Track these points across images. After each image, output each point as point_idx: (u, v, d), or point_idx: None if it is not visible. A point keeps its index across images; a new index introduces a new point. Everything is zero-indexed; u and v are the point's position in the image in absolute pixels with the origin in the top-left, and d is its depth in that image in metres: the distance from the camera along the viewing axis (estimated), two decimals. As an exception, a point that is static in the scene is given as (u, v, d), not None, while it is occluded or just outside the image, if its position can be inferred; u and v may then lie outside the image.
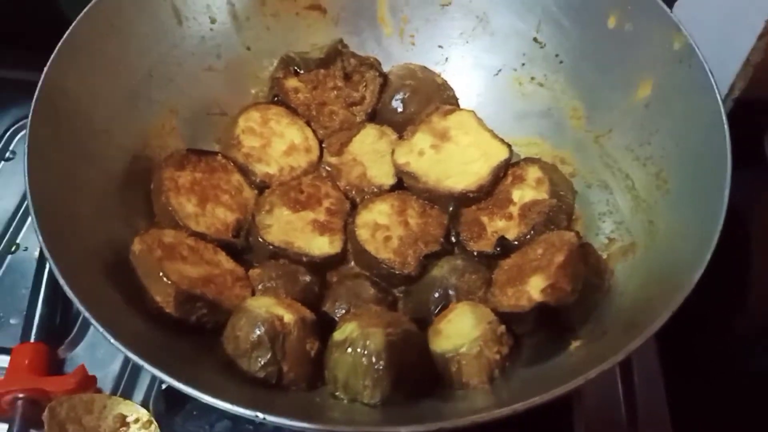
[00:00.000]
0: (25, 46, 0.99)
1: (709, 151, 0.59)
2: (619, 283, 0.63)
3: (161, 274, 0.59)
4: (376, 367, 0.57)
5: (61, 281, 0.54)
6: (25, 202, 0.86)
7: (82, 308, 0.53)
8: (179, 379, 0.49)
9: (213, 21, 0.80)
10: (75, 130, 0.65)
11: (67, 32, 0.66)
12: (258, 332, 0.58)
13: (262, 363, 0.58)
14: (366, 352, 0.58)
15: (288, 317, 0.60)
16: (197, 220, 0.70)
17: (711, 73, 0.61)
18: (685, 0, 0.81)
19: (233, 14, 0.81)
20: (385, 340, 0.58)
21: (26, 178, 0.59)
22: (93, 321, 0.53)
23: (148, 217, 0.70)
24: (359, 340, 0.59)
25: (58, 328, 0.76)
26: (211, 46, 0.80)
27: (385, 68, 0.85)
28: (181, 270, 0.62)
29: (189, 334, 0.61)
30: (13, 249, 0.84)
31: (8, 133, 0.95)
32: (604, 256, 0.67)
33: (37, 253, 0.82)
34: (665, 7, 0.67)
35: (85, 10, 0.68)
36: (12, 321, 0.77)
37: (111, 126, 0.70)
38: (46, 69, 0.64)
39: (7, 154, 0.93)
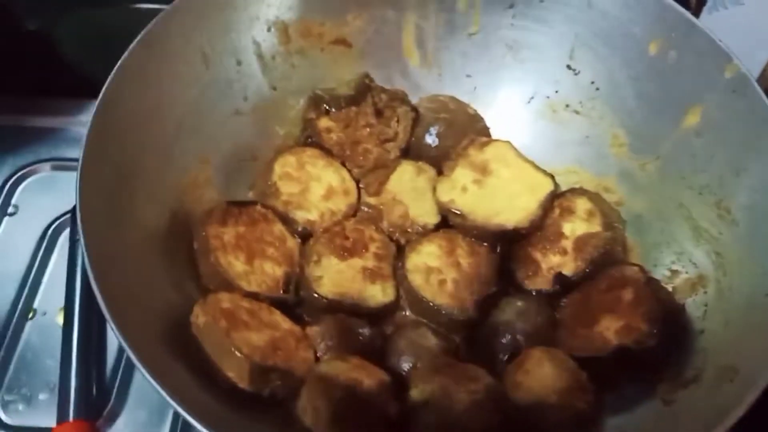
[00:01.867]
0: (15, 91, 0.94)
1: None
2: (693, 320, 0.62)
3: (233, 348, 0.55)
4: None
5: (134, 358, 0.50)
6: (36, 261, 0.82)
7: (158, 387, 0.49)
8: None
9: (239, 63, 0.76)
10: (121, 197, 0.61)
11: (102, 92, 0.62)
12: (339, 401, 0.55)
13: (349, 435, 0.55)
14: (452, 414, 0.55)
15: (367, 382, 0.57)
16: (248, 279, 0.66)
17: (769, 102, 0.61)
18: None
19: (258, 54, 0.77)
20: (470, 399, 0.56)
21: (85, 250, 0.54)
22: (171, 401, 0.49)
23: (194, 279, 0.66)
24: (444, 401, 0.56)
25: (95, 401, 0.71)
26: (237, 89, 0.77)
27: (412, 100, 0.83)
28: (248, 340, 0.58)
29: (261, 408, 0.57)
30: (30, 315, 0.78)
31: (8, 185, 0.88)
32: (670, 289, 0.67)
33: (59, 319, 0.77)
34: (713, 35, 0.67)
35: (117, 65, 0.63)
36: (41, 396, 0.72)
37: (153, 186, 0.65)
38: (86, 138, 0.59)
39: (9, 209, 0.87)
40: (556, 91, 0.81)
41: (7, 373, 0.73)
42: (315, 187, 0.76)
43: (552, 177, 0.76)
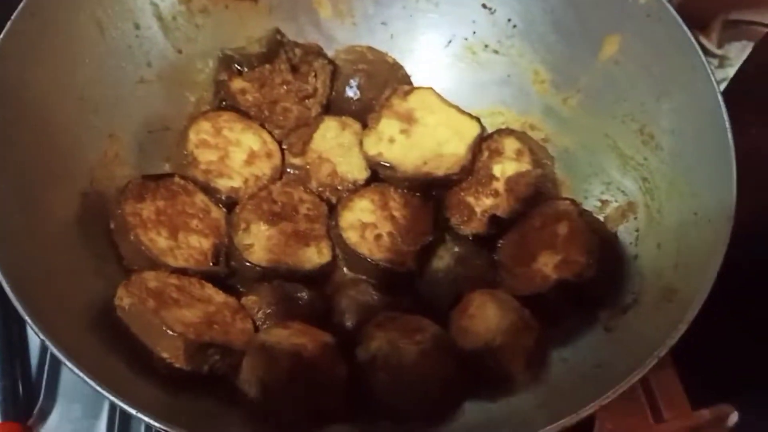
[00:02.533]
0: None
1: (697, 101, 0.60)
2: (627, 246, 0.63)
3: (164, 327, 0.52)
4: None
5: (58, 353, 0.47)
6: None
7: (88, 380, 0.46)
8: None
9: (137, 27, 0.71)
10: (21, 180, 0.56)
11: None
12: (284, 369, 0.53)
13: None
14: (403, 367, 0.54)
15: (311, 345, 0.55)
16: (174, 254, 0.63)
17: (685, 26, 0.62)
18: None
19: (158, 15, 0.72)
20: (418, 350, 0.55)
21: None
22: (107, 394, 0.46)
23: (116, 262, 0.62)
24: (392, 357, 0.55)
25: (22, 400, 0.66)
26: (139, 56, 0.71)
27: (329, 54, 0.80)
28: (180, 317, 0.55)
29: (202, 386, 0.55)
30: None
31: None
32: (601, 219, 0.67)
33: (-27, 320, 0.71)
34: (623, -39, 0.67)
35: (-1, 38, 0.57)
36: (-37, 403, 0.66)
37: (55, 169, 0.60)
38: None
39: None
40: (474, 32, 0.80)
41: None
42: (235, 152, 0.72)
43: (478, 120, 0.75)
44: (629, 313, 0.57)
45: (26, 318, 0.49)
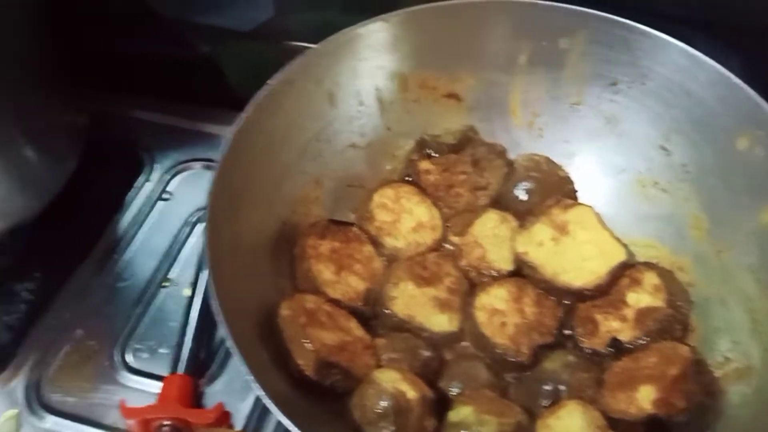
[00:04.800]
0: (185, 99, 1.14)
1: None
2: (732, 407, 0.65)
3: (304, 340, 0.67)
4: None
5: (229, 338, 0.62)
6: (177, 241, 0.99)
7: (241, 363, 0.61)
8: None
9: (361, 104, 0.89)
10: (244, 201, 0.75)
11: (243, 114, 0.76)
12: (384, 405, 0.65)
13: (386, 434, 0.64)
14: (480, 439, 0.63)
15: (411, 394, 0.66)
16: (334, 287, 0.78)
17: None
18: None
19: (379, 98, 0.89)
20: (499, 429, 0.63)
21: (206, 239, 0.68)
22: (251, 377, 0.60)
23: (290, 279, 0.79)
24: (474, 426, 0.64)
25: (201, 362, 0.85)
26: (356, 126, 0.89)
27: (512, 155, 0.92)
28: (320, 337, 0.69)
29: (323, 397, 0.68)
30: (165, 284, 0.95)
31: (167, 176, 1.07)
32: (719, 375, 0.69)
33: (185, 291, 0.93)
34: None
35: (259, 95, 0.77)
36: (161, 350, 0.87)
37: (271, 197, 0.79)
38: (225, 149, 0.73)
39: (165, 195, 1.05)
40: (648, 168, 0.86)
41: (139, 327, 0.89)
42: (406, 219, 0.86)
43: (626, 248, 0.80)
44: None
45: (212, 292, 0.64)
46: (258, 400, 0.80)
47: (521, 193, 0.89)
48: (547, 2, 0.83)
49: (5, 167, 0.83)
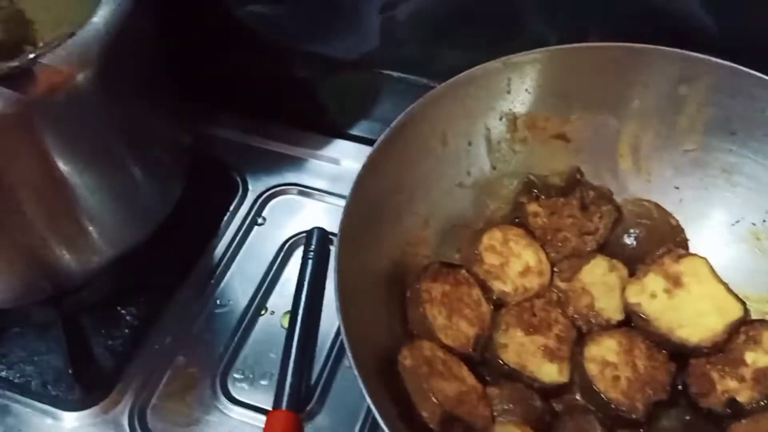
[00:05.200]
0: (277, 122, 1.15)
1: None
2: None
3: (430, 394, 0.67)
4: None
5: (361, 385, 0.62)
6: (273, 268, 1.00)
7: (376, 411, 0.61)
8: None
9: (470, 144, 0.88)
10: (364, 243, 0.75)
11: (369, 156, 0.76)
12: (509, 463, 0.65)
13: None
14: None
15: (535, 452, 0.66)
16: (446, 332, 0.77)
17: None
18: None
19: (488, 138, 0.89)
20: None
21: (337, 285, 0.68)
22: (380, 418, 0.60)
23: (402, 323, 0.79)
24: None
25: (303, 397, 0.86)
26: (464, 165, 0.89)
27: (618, 198, 0.90)
28: (442, 388, 0.69)
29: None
30: (262, 312, 0.96)
31: (261, 200, 1.07)
32: None
33: (284, 321, 0.93)
34: None
35: (382, 137, 0.78)
36: (262, 382, 0.88)
37: (384, 238, 0.80)
38: (352, 190, 0.73)
39: (259, 220, 1.06)
40: (764, 221, 0.84)
41: (239, 356, 0.90)
42: (514, 263, 0.85)
43: (744, 303, 0.78)
44: None
45: (343, 330, 0.64)
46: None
47: (630, 240, 0.87)
48: (671, 48, 0.82)
49: (120, 194, 0.84)
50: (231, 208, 1.06)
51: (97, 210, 0.82)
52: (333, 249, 0.71)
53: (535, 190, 0.89)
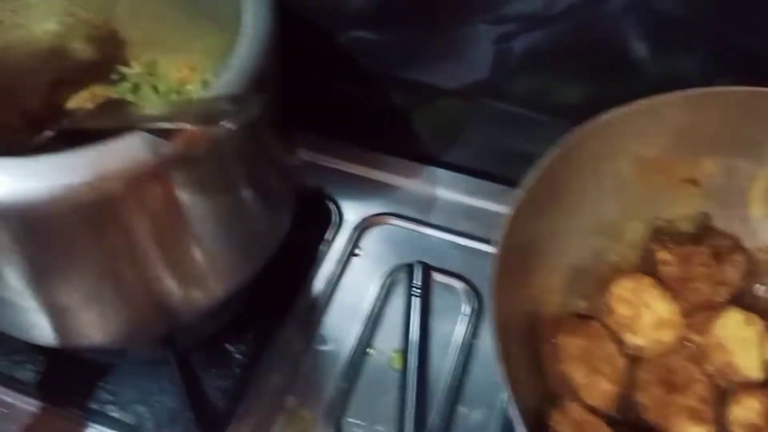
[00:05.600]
0: (371, 148, 1.12)
1: None
2: None
3: (590, 464, 0.64)
4: None
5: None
6: (376, 304, 0.96)
7: None
8: None
9: (601, 185, 0.84)
10: (511, 290, 0.72)
11: (518, 196, 0.73)
12: None
13: None
14: None
15: None
16: (587, 391, 0.74)
17: None
18: None
19: (617, 180, 0.85)
20: None
21: (493, 331, 0.65)
22: None
23: (539, 377, 0.76)
24: None
25: None
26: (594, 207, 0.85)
27: (746, 245, 0.86)
28: (597, 456, 0.66)
29: None
30: (368, 350, 0.92)
31: (357, 230, 1.04)
32: None
33: (393, 362, 0.90)
34: None
35: (529, 176, 0.74)
36: (378, 428, 0.85)
37: (522, 285, 0.76)
38: (502, 233, 0.70)
39: (356, 251, 1.03)
40: None
41: (351, 399, 0.87)
42: (646, 314, 0.82)
43: None
44: None
45: (506, 385, 0.62)
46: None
47: (764, 291, 0.84)
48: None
49: (237, 230, 0.81)
50: (328, 237, 1.03)
51: (215, 247, 0.79)
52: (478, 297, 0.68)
53: (666, 238, 0.86)
